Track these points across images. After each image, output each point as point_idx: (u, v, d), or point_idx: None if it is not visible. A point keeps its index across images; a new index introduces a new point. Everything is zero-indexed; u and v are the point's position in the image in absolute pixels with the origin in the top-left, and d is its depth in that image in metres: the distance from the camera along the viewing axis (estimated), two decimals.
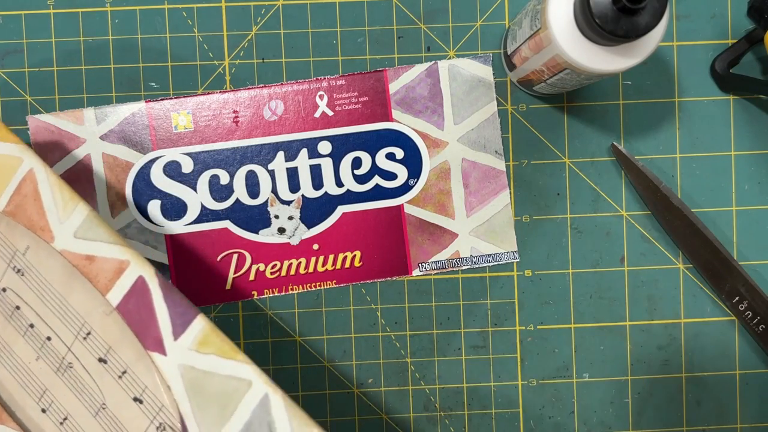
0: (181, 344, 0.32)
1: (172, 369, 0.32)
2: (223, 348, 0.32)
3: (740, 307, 0.43)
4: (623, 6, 0.31)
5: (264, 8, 0.43)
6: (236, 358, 0.32)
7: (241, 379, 0.32)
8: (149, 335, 0.33)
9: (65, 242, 0.34)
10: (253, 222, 0.43)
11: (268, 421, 0.32)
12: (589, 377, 0.44)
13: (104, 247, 0.33)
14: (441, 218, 0.43)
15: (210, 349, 0.32)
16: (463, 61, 0.43)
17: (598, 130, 0.44)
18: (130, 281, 0.33)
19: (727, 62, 0.43)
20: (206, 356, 0.32)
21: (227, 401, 0.32)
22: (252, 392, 0.32)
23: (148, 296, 0.33)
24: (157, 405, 0.32)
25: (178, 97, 0.43)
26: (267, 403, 0.32)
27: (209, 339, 0.32)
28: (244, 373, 0.32)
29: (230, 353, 0.32)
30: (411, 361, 0.44)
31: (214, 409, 0.32)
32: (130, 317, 0.33)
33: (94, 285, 0.33)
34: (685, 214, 0.43)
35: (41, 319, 0.34)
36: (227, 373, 0.32)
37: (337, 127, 0.43)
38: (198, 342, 0.32)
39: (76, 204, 0.34)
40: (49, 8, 0.43)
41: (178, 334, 0.32)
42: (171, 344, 0.32)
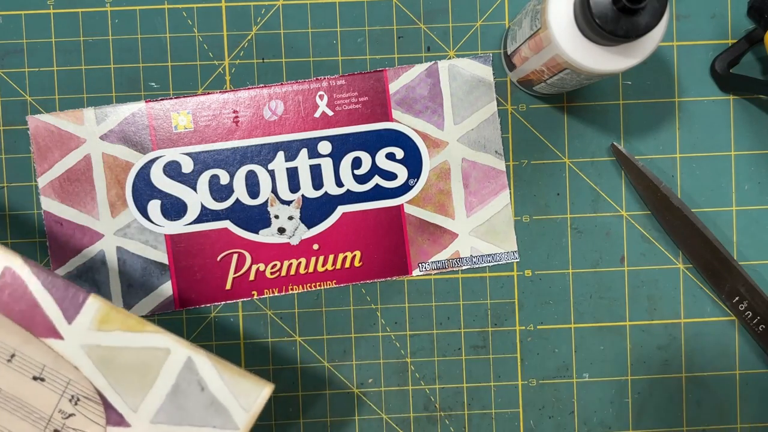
0: (78, 327, 0.32)
1: (75, 350, 0.32)
2: (128, 323, 0.32)
3: (740, 307, 0.43)
4: (623, 6, 0.31)
5: (264, 8, 0.43)
6: (144, 329, 0.32)
7: (157, 348, 0.32)
8: (37, 323, 0.32)
9: None
10: (253, 222, 0.43)
11: (197, 380, 0.32)
12: (589, 377, 0.44)
13: None
14: (441, 218, 0.43)
15: (113, 326, 0.32)
16: (463, 61, 0.43)
17: (598, 130, 0.44)
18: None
19: (727, 62, 0.43)
20: (111, 333, 0.32)
21: (146, 370, 0.32)
22: (172, 358, 0.32)
23: (22, 286, 0.32)
24: (63, 380, 0.32)
25: (178, 97, 0.43)
26: (192, 365, 0.32)
27: (110, 317, 0.32)
28: (159, 342, 0.32)
29: (137, 327, 0.32)
30: (411, 361, 0.44)
31: (134, 379, 0.32)
32: (8, 310, 0.32)
33: None
34: (685, 214, 0.43)
35: None
36: (140, 345, 0.32)
37: (337, 127, 0.43)
38: (98, 321, 0.32)
39: None
40: (49, 8, 0.43)
41: (71, 317, 0.32)
42: (66, 328, 0.32)
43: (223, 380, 0.32)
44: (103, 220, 0.43)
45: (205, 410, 0.32)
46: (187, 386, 0.32)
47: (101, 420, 0.33)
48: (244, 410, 0.33)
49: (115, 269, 0.43)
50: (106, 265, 0.43)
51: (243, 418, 0.33)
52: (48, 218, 0.43)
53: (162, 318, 0.43)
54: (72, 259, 0.42)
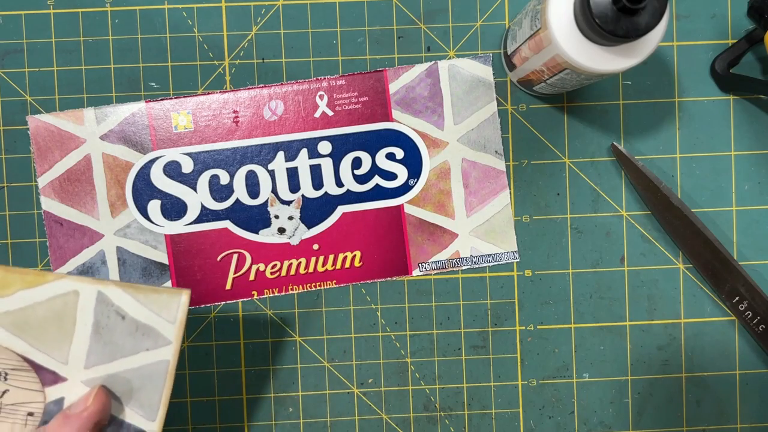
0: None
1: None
2: (27, 279, 0.32)
3: (740, 307, 0.43)
4: (623, 6, 0.31)
5: (264, 8, 0.43)
6: (46, 280, 0.32)
7: (64, 293, 0.32)
8: None
9: None
10: (253, 222, 0.43)
11: (115, 311, 0.32)
12: (589, 377, 0.44)
13: None
14: (441, 218, 0.43)
15: (13, 288, 0.32)
16: (463, 61, 0.43)
17: (598, 130, 0.44)
18: None
19: (727, 62, 0.43)
20: (14, 296, 0.32)
21: (62, 319, 0.32)
22: (83, 298, 0.32)
23: None
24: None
25: (178, 97, 0.43)
26: (105, 299, 0.32)
27: (6, 280, 0.32)
28: (64, 287, 0.32)
29: (37, 280, 0.32)
30: (411, 361, 0.44)
31: (53, 332, 0.32)
32: None
33: None
34: (685, 214, 0.43)
35: None
36: (46, 296, 0.32)
37: (337, 127, 0.43)
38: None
39: None
40: (49, 8, 0.43)
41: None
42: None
43: (139, 302, 0.32)
44: (103, 220, 0.43)
45: (132, 337, 0.32)
46: (107, 320, 0.32)
47: (37, 385, 0.32)
48: (170, 323, 0.33)
49: (115, 269, 0.43)
50: (106, 265, 0.43)
51: (171, 331, 0.33)
52: (48, 218, 0.43)
53: None
54: (72, 259, 0.42)
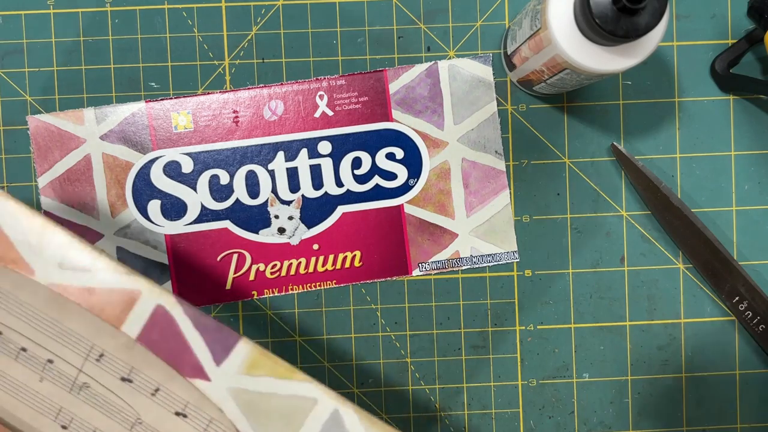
0: (226, 369, 0.31)
1: (221, 393, 0.31)
2: (277, 370, 0.31)
3: (740, 307, 0.43)
4: (623, 6, 0.31)
5: (264, 8, 0.43)
6: (294, 377, 0.31)
7: (305, 397, 0.31)
8: (184, 363, 0.31)
9: (51, 275, 0.31)
10: (253, 222, 0.43)
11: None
12: (589, 377, 0.44)
13: (103, 277, 0.31)
14: (441, 218, 0.43)
15: (262, 372, 0.31)
16: (463, 61, 0.43)
17: (598, 130, 0.44)
18: (146, 312, 0.31)
19: (727, 62, 0.43)
20: (259, 378, 0.31)
21: (291, 418, 0.31)
22: (319, 408, 0.31)
23: (174, 326, 0.31)
24: (205, 419, 0.32)
25: (178, 97, 0.43)
26: (338, 418, 0.31)
27: (259, 362, 0.31)
28: (307, 391, 0.31)
29: (286, 374, 0.31)
30: (411, 361, 0.44)
31: (278, 426, 0.31)
32: (157, 348, 0.31)
33: (102, 318, 0.31)
34: (685, 214, 0.43)
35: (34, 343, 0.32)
36: (287, 393, 0.31)
37: (337, 127, 0.43)
38: (246, 366, 0.31)
39: (52, 233, 0.31)
40: (49, 8, 0.43)
41: (220, 360, 0.31)
42: (213, 370, 0.31)
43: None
44: (103, 220, 0.43)
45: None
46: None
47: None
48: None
49: None
50: None
51: None
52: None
53: None
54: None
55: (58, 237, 0.32)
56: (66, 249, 0.32)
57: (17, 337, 0.32)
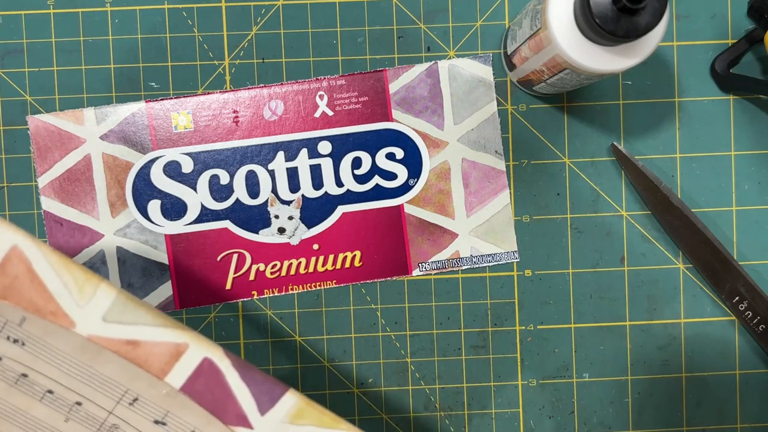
0: (271, 419, 0.31)
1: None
2: (322, 419, 0.31)
3: (740, 307, 0.43)
4: (623, 6, 0.31)
5: (264, 8, 0.43)
6: (338, 427, 0.31)
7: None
8: (228, 412, 0.31)
9: (92, 327, 0.31)
10: (253, 222, 0.43)
11: None
12: (589, 377, 0.44)
13: (150, 331, 0.31)
14: (441, 218, 0.43)
15: (306, 421, 0.31)
16: (463, 61, 0.43)
17: (598, 130, 0.44)
18: (192, 364, 0.31)
19: (727, 62, 0.43)
20: (303, 428, 0.31)
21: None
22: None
23: (220, 377, 0.31)
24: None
25: (178, 97, 0.43)
26: None
27: (305, 412, 0.31)
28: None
29: (331, 424, 0.31)
30: (411, 361, 0.44)
31: None
32: (200, 398, 0.31)
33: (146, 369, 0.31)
34: (685, 214, 0.43)
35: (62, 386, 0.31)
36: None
37: (337, 127, 0.43)
38: (291, 416, 0.31)
39: (96, 285, 0.31)
40: (49, 8, 0.43)
41: (265, 410, 0.31)
42: (257, 419, 0.31)
43: None
44: (103, 220, 0.43)
45: None
46: None
47: None
48: None
49: (115, 269, 0.43)
50: (106, 265, 0.43)
51: None
52: (48, 218, 0.43)
53: None
54: (72, 259, 0.42)
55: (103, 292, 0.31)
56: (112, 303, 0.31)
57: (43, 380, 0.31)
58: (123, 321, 0.31)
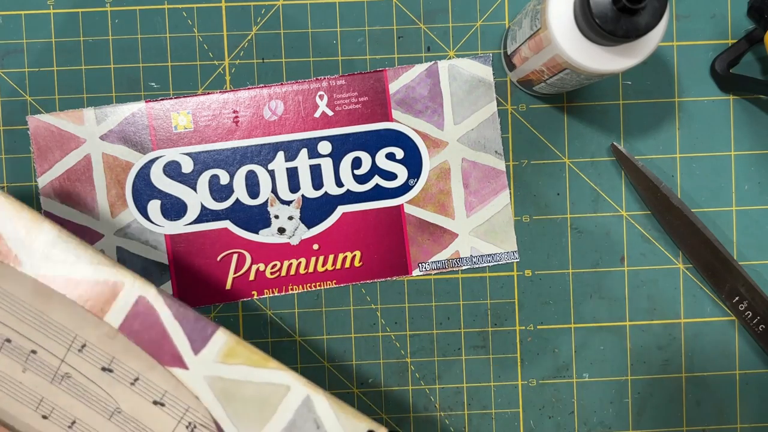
0: (204, 358, 0.32)
1: (197, 381, 0.32)
2: (252, 358, 0.32)
3: (740, 307, 0.43)
4: (623, 6, 0.31)
5: (264, 8, 0.43)
6: (267, 366, 0.32)
7: (278, 384, 0.32)
8: (164, 352, 0.32)
9: (37, 267, 0.32)
10: (253, 222, 0.43)
11: (314, 419, 0.32)
12: (589, 377, 0.44)
13: (89, 270, 0.32)
14: (441, 218, 0.43)
15: (238, 360, 0.32)
16: (463, 61, 0.43)
17: (598, 130, 0.44)
18: (128, 303, 0.32)
19: (727, 62, 0.43)
20: (234, 366, 0.33)
21: (265, 404, 0.32)
22: (292, 395, 0.32)
23: (154, 316, 0.32)
24: (182, 407, 0.33)
25: (178, 97, 0.43)
26: (310, 403, 0.32)
27: (235, 351, 0.33)
28: (280, 378, 0.32)
29: (261, 362, 0.32)
30: (411, 361, 0.44)
31: (252, 413, 0.32)
32: (138, 338, 0.32)
33: (87, 309, 0.32)
34: (685, 214, 0.43)
35: (19, 334, 0.33)
36: (261, 380, 0.32)
37: (337, 127, 0.43)
38: (223, 354, 0.32)
39: (40, 225, 0.33)
40: (49, 8, 0.43)
41: (198, 349, 0.33)
42: (192, 359, 0.32)
43: (338, 420, 0.32)
44: (103, 220, 0.43)
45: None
46: (303, 423, 0.32)
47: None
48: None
49: None
50: None
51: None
52: (48, 218, 0.43)
53: None
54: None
55: (46, 230, 0.33)
56: (53, 241, 0.33)
57: (2, 328, 0.33)
58: (65, 260, 0.32)
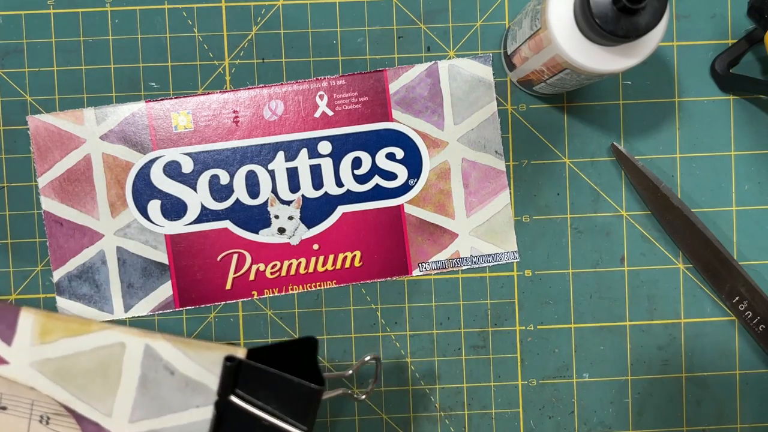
0: (20, 346, 0.30)
1: (24, 371, 0.30)
2: (71, 327, 0.30)
3: (740, 307, 0.43)
4: (623, 6, 0.31)
5: (264, 8, 0.43)
6: (90, 330, 0.30)
7: (110, 345, 0.30)
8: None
9: None
10: (253, 222, 0.43)
11: (164, 365, 0.30)
12: (589, 377, 0.44)
13: None
14: (441, 218, 0.43)
15: (56, 336, 0.30)
16: (463, 61, 0.43)
17: (598, 130, 0.44)
18: None
19: (727, 62, 0.43)
20: (56, 343, 0.30)
21: (107, 370, 0.30)
22: (130, 351, 0.30)
23: None
24: (26, 403, 0.30)
25: (178, 97, 0.43)
26: (153, 353, 0.30)
27: (49, 327, 0.30)
28: (110, 338, 0.30)
29: (81, 329, 0.30)
30: (411, 361, 0.44)
31: (97, 383, 0.30)
32: None
33: None
34: (685, 214, 0.43)
35: None
36: (91, 346, 0.30)
37: (337, 127, 0.43)
38: (38, 335, 0.30)
39: None
40: (49, 8, 0.43)
41: (9, 339, 0.30)
42: (8, 351, 0.30)
43: (190, 358, 0.30)
44: (103, 220, 0.43)
45: (181, 393, 0.30)
46: (155, 375, 0.30)
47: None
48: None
49: (115, 269, 0.43)
50: (106, 265, 0.43)
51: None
52: (48, 218, 0.43)
53: (162, 318, 0.43)
54: (72, 259, 0.42)
55: None
56: None
57: None
58: None
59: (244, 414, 0.30)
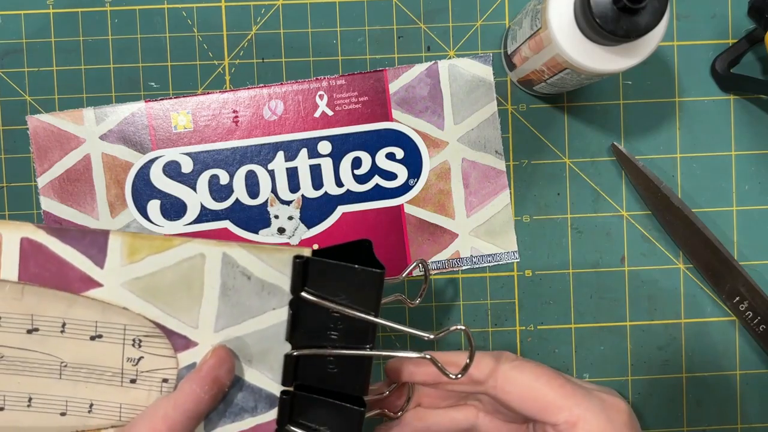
0: (112, 267, 0.31)
1: (117, 291, 0.31)
2: (155, 245, 0.31)
3: (740, 307, 0.43)
4: (623, 6, 0.31)
5: (264, 8, 0.43)
6: (173, 245, 0.31)
7: (192, 257, 0.31)
8: (72, 280, 0.31)
9: None
10: (253, 222, 0.43)
11: (241, 272, 0.31)
12: (589, 377, 0.44)
13: None
14: (441, 218, 0.43)
15: (143, 253, 0.31)
16: (463, 61, 0.43)
17: (598, 130, 0.44)
18: (14, 249, 0.31)
19: (727, 62, 0.43)
20: (143, 261, 0.31)
21: (191, 282, 0.32)
22: (209, 261, 0.31)
23: (44, 250, 0.31)
24: (119, 328, 0.32)
25: (178, 97, 0.43)
26: (230, 260, 0.31)
27: (136, 246, 0.31)
28: (190, 251, 0.31)
29: (165, 245, 0.31)
30: None
31: (183, 296, 0.32)
32: (41, 278, 0.31)
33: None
34: (685, 214, 0.43)
35: None
36: (174, 261, 0.31)
37: (337, 127, 0.43)
38: (127, 255, 0.31)
39: None
40: (49, 8, 0.43)
41: (101, 262, 0.31)
42: (101, 274, 0.31)
43: (263, 262, 0.31)
44: (103, 220, 0.43)
45: (258, 297, 0.32)
46: (233, 281, 0.32)
47: (169, 351, 0.32)
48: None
49: None
50: None
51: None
52: (48, 218, 0.43)
53: None
54: None
55: None
56: None
57: None
58: None
59: (316, 309, 0.32)
